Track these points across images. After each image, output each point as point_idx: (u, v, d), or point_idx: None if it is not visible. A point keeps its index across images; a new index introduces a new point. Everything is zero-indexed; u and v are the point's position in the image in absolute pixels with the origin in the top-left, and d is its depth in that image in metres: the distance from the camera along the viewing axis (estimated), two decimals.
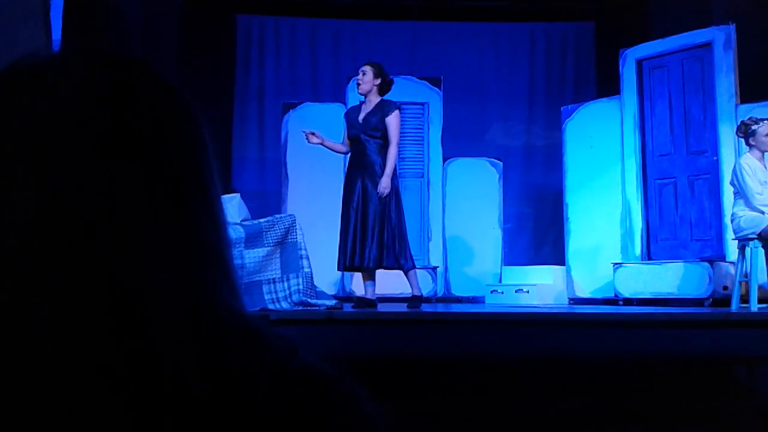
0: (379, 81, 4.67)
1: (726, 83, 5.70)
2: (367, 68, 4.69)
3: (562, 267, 6.51)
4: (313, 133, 4.70)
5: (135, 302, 0.46)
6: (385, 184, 4.45)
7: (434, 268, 6.43)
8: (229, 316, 0.49)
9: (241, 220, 4.34)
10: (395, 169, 4.62)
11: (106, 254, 0.46)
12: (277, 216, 4.37)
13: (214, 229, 0.52)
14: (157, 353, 0.44)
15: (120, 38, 5.32)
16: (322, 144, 4.74)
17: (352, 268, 4.61)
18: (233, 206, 4.37)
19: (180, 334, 0.46)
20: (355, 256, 4.45)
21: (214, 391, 0.44)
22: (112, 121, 0.49)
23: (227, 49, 7.67)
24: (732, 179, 4.69)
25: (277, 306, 4.03)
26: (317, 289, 4.15)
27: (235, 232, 3.99)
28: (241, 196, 4.82)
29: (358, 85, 4.70)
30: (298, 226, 4.21)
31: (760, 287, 4.58)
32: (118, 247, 0.46)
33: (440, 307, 5.48)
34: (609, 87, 6.66)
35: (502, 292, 6.30)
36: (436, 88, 6.79)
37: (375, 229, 4.44)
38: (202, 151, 0.54)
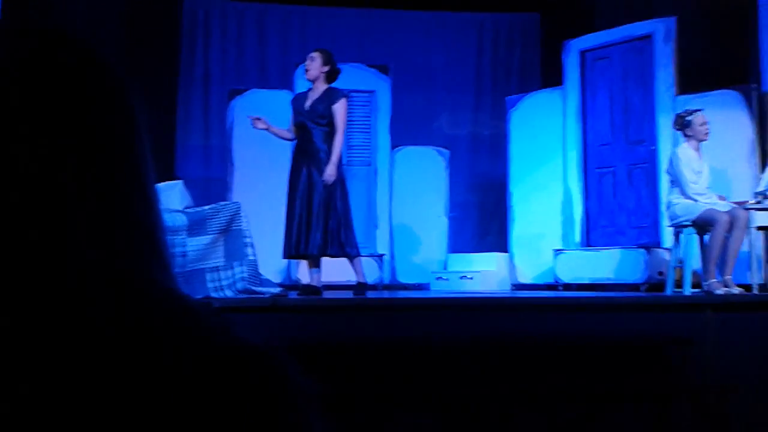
0: (327, 68, 4.65)
1: (665, 75, 5.86)
2: (316, 55, 4.67)
3: (506, 254, 6.63)
4: (258, 119, 4.66)
5: (61, 275, 0.46)
6: (330, 172, 4.44)
7: (381, 256, 6.46)
8: (158, 292, 0.49)
9: (184, 208, 4.28)
10: (341, 157, 4.61)
11: (33, 229, 0.46)
12: (222, 203, 4.32)
13: (145, 207, 0.52)
14: (81, 324, 0.45)
15: (61, 18, 5.15)
16: (267, 130, 4.71)
17: (298, 256, 4.60)
18: (175, 193, 4.30)
19: (106, 308, 0.46)
20: (300, 244, 4.44)
21: (140, 364, 0.45)
22: (41, 97, 0.48)
23: (172, 33, 7.50)
24: (668, 168, 4.84)
25: (221, 294, 3.99)
26: (262, 277, 4.13)
27: (178, 220, 3.93)
28: (185, 183, 4.73)
29: (306, 71, 4.68)
30: (243, 214, 4.17)
31: (694, 272, 4.75)
32: (45, 223, 0.46)
33: (386, 294, 5.52)
34: (553, 77, 6.77)
35: (448, 279, 6.38)
36: (385, 76, 6.79)
37: (320, 217, 4.44)
38: (134, 129, 0.53)
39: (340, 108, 4.56)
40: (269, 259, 4.75)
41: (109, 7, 6.12)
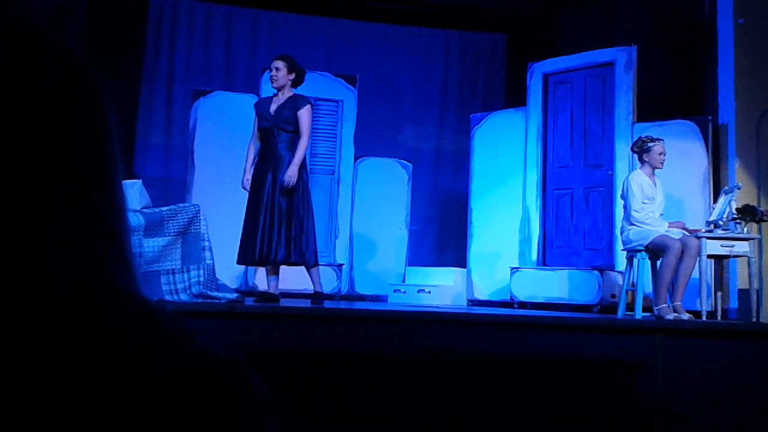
0: (293, 75, 4.65)
1: (624, 102, 6.01)
2: (280, 64, 4.64)
3: (464, 269, 6.68)
4: (246, 180, 4.58)
5: (25, 276, 0.45)
6: (291, 173, 4.41)
7: (340, 266, 6.44)
8: (122, 298, 0.49)
9: (142, 207, 4.20)
10: (305, 163, 4.60)
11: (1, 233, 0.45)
12: (181, 205, 4.26)
13: (113, 213, 0.51)
14: (44, 326, 0.44)
15: (22, 11, 5.02)
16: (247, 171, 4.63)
17: (259, 263, 4.56)
18: (134, 192, 4.22)
19: (69, 310, 0.45)
20: (262, 251, 4.40)
21: (101, 368, 0.44)
22: (11, 97, 0.47)
23: (136, 28, 7.38)
24: (621, 193, 4.94)
25: (176, 297, 3.92)
26: (219, 282, 4.07)
27: (135, 219, 3.85)
28: (144, 182, 4.64)
29: (273, 80, 4.65)
30: (202, 217, 4.11)
31: (645, 297, 4.85)
32: (12, 226, 0.45)
33: (343, 305, 5.50)
34: (517, 98, 6.88)
35: (405, 292, 6.40)
36: (351, 87, 6.80)
37: (282, 224, 4.41)
38: (106, 132, 0.52)
39: (305, 114, 4.55)
40: (227, 264, 4.70)
41: (73, 1, 6.00)
